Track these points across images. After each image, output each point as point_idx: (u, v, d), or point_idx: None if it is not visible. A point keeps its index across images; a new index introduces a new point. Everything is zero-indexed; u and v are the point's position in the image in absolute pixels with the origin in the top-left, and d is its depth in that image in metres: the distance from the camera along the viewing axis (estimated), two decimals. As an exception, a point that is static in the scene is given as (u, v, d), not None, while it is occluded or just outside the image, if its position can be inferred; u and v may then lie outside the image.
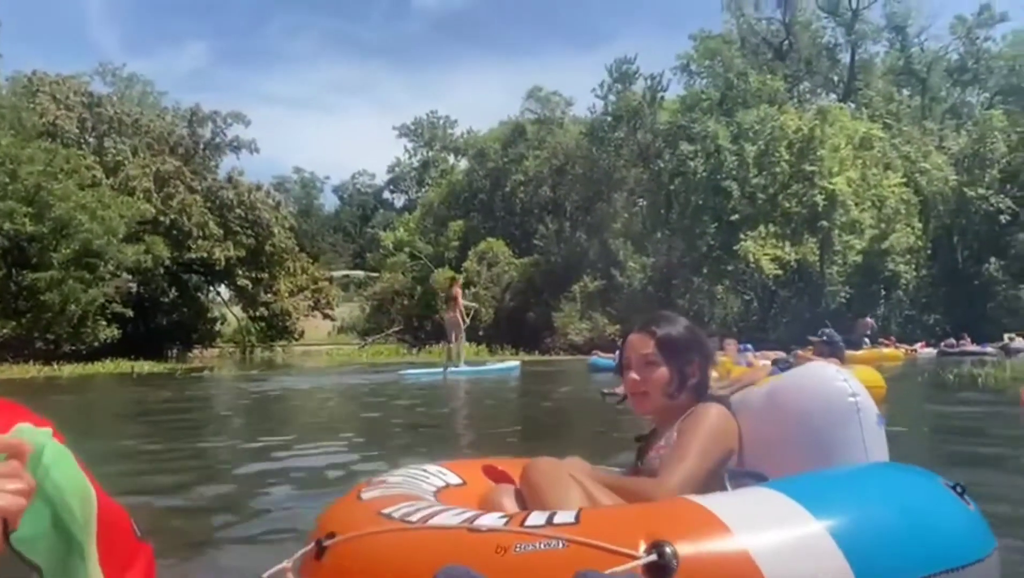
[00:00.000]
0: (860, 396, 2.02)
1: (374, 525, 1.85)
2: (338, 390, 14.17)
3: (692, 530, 1.59)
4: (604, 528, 1.62)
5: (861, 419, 2.00)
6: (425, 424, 8.62)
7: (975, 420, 8.02)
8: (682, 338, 2.34)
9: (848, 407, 2.01)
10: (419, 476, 2.39)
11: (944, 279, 40.94)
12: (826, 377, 2.10)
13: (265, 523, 3.65)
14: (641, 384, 2.32)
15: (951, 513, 1.77)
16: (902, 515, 1.69)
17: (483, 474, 2.47)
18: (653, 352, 2.30)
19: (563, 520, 1.68)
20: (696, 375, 2.33)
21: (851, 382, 2.05)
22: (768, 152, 34.19)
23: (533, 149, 43.04)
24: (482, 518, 1.77)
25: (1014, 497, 3.76)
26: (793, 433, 2.08)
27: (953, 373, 13.45)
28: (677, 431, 2.20)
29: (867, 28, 47.30)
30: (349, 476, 4.61)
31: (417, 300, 40.23)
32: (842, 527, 1.59)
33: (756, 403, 2.27)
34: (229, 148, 42.81)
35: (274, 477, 4.90)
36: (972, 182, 40.29)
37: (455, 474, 2.48)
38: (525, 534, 1.64)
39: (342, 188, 76.36)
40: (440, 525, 1.78)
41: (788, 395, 2.17)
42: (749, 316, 36.42)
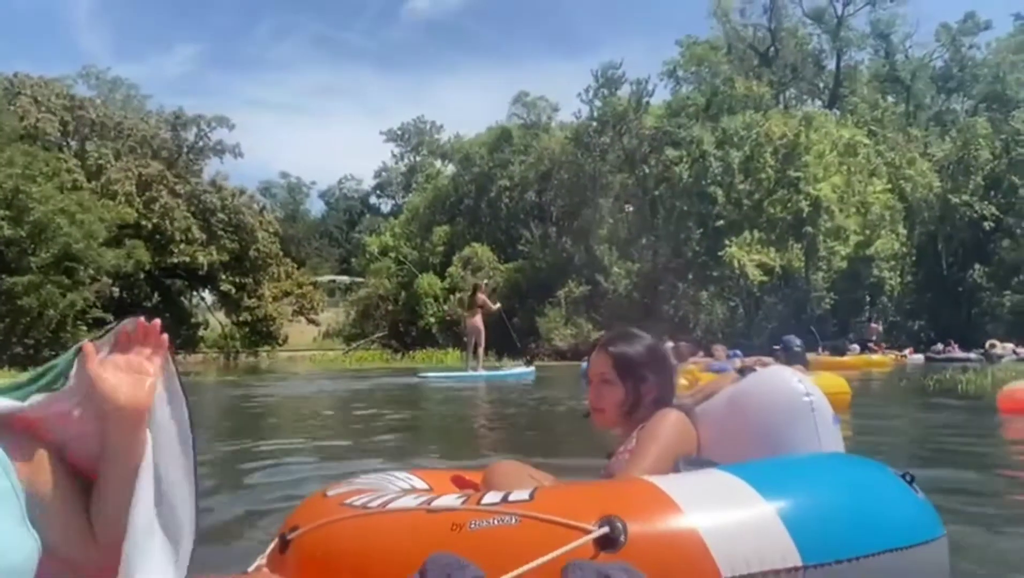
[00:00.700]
0: (814, 396, 2.08)
1: (335, 514, 1.91)
2: (347, 394, 14.01)
3: (643, 507, 1.63)
4: (557, 504, 1.66)
5: (816, 418, 2.05)
6: (482, 427, 8.57)
7: (945, 425, 7.87)
8: (638, 357, 2.41)
9: (803, 407, 2.06)
10: (387, 480, 2.43)
11: (929, 285, 41.04)
12: (782, 379, 2.16)
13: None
14: (598, 401, 2.42)
15: (898, 497, 1.81)
16: (849, 497, 1.73)
17: (451, 483, 2.52)
18: (609, 371, 2.39)
19: (518, 497, 1.72)
20: (653, 392, 2.39)
21: (806, 383, 2.10)
22: (753, 158, 34.19)
23: (519, 154, 42.94)
24: (439, 500, 1.82)
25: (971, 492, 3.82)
26: (752, 433, 2.13)
27: (933, 379, 13.35)
28: (636, 437, 2.26)
29: (852, 35, 47.54)
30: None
31: (402, 305, 39.96)
32: (790, 508, 1.63)
33: (718, 408, 2.32)
34: (213, 152, 42.55)
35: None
36: (956, 189, 40.44)
37: (423, 481, 2.52)
38: (480, 511, 1.68)
39: (329, 193, 76.06)
40: (398, 508, 1.83)
41: (747, 398, 2.22)
42: (735, 322, 36.30)
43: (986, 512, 3.62)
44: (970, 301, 40.91)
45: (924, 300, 40.85)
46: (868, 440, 6.17)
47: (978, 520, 3.32)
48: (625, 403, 2.38)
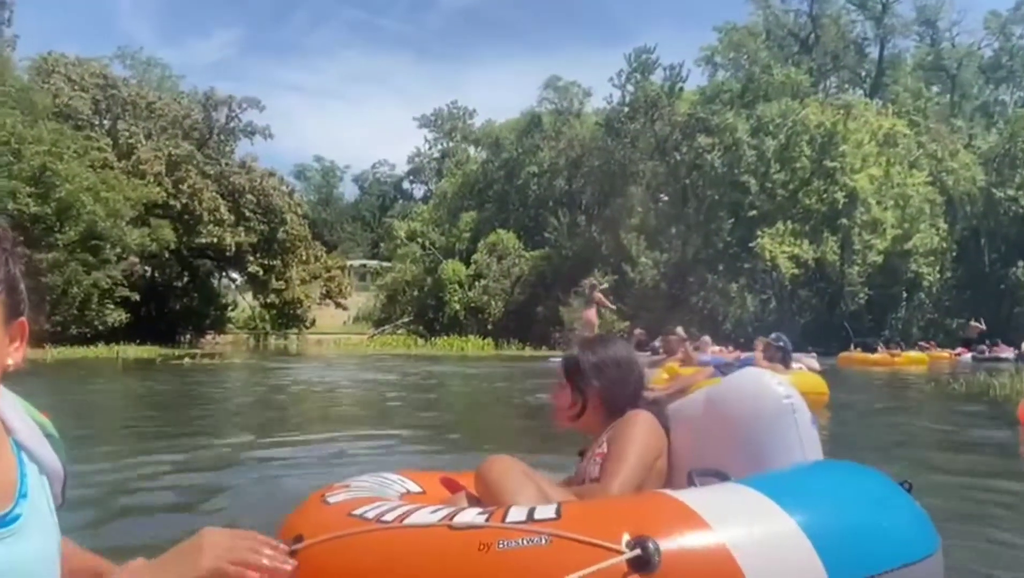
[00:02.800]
0: (794, 398, 2.07)
1: (346, 526, 1.81)
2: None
3: (672, 525, 1.60)
4: (585, 523, 1.62)
5: (797, 420, 2.04)
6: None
7: (919, 433, 7.26)
8: (586, 363, 2.43)
9: (784, 409, 2.05)
10: (382, 482, 2.38)
11: (969, 282, 39.67)
12: (762, 381, 2.15)
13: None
14: (554, 405, 2.51)
15: (906, 510, 1.85)
16: (865, 510, 1.75)
17: (441, 485, 2.46)
18: (562, 377, 2.47)
19: (544, 515, 1.66)
20: (597, 399, 2.40)
21: (785, 385, 2.10)
22: (789, 147, 33.27)
23: (549, 140, 42.35)
24: (461, 515, 1.74)
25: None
26: (734, 435, 2.11)
27: (960, 382, 12.63)
28: (608, 439, 2.26)
29: (897, 22, 46.07)
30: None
31: (427, 291, 39.69)
32: (812, 522, 1.63)
33: (695, 408, 2.31)
34: (243, 133, 42.49)
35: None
36: (1001, 182, 39.02)
37: (415, 483, 2.47)
38: (507, 530, 1.62)
39: (362, 178, 75.99)
40: (418, 523, 1.74)
41: (727, 400, 2.20)
42: (766, 316, 35.43)
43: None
44: (1012, 299, 39.49)
45: (964, 297, 39.51)
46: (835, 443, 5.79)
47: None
48: (572, 408, 2.43)
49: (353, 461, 4.99)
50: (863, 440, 6.58)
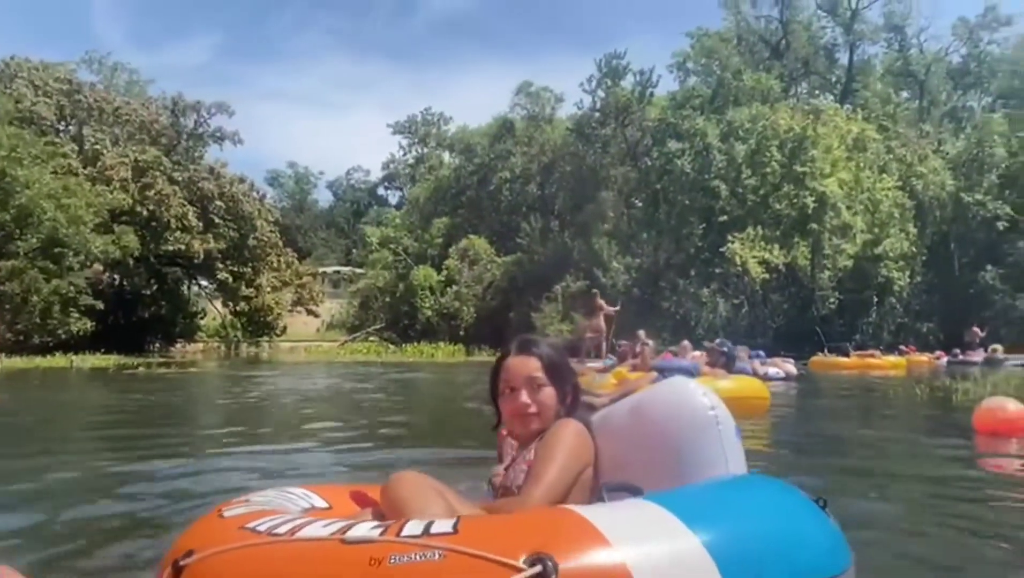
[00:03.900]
0: (719, 409, 2.05)
1: (237, 540, 1.75)
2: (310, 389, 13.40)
3: (572, 542, 1.56)
4: (483, 538, 1.57)
5: (721, 431, 2.02)
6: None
7: (869, 440, 7.06)
8: (563, 360, 2.43)
9: (709, 420, 2.03)
10: (284, 497, 2.30)
11: (939, 286, 39.95)
12: (686, 391, 2.12)
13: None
14: (532, 405, 2.33)
15: (817, 526, 1.81)
16: (774, 527, 1.71)
17: (351, 499, 2.41)
18: (540, 374, 2.34)
19: (441, 529, 1.61)
20: (570, 396, 2.39)
21: (710, 396, 2.07)
22: (759, 152, 33.32)
23: (521, 146, 42.24)
24: (355, 529, 1.68)
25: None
26: (657, 446, 2.09)
27: (923, 387, 12.50)
28: (535, 448, 2.22)
29: (866, 28, 46.44)
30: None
31: (399, 297, 39.38)
32: (716, 540, 1.60)
33: (620, 418, 2.27)
34: (212, 139, 42.07)
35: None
36: (970, 187, 39.35)
37: (321, 497, 2.40)
38: (400, 545, 1.58)
39: (336, 184, 75.69)
40: (310, 537, 1.69)
41: (651, 409, 2.17)
42: (738, 321, 35.43)
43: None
44: (982, 304, 39.78)
45: (934, 302, 39.78)
46: (768, 450, 5.77)
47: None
48: (561, 404, 2.36)
49: (278, 472, 4.73)
50: (804, 448, 6.39)
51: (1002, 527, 3.36)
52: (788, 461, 5.43)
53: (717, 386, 7.89)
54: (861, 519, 3.44)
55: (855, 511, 3.62)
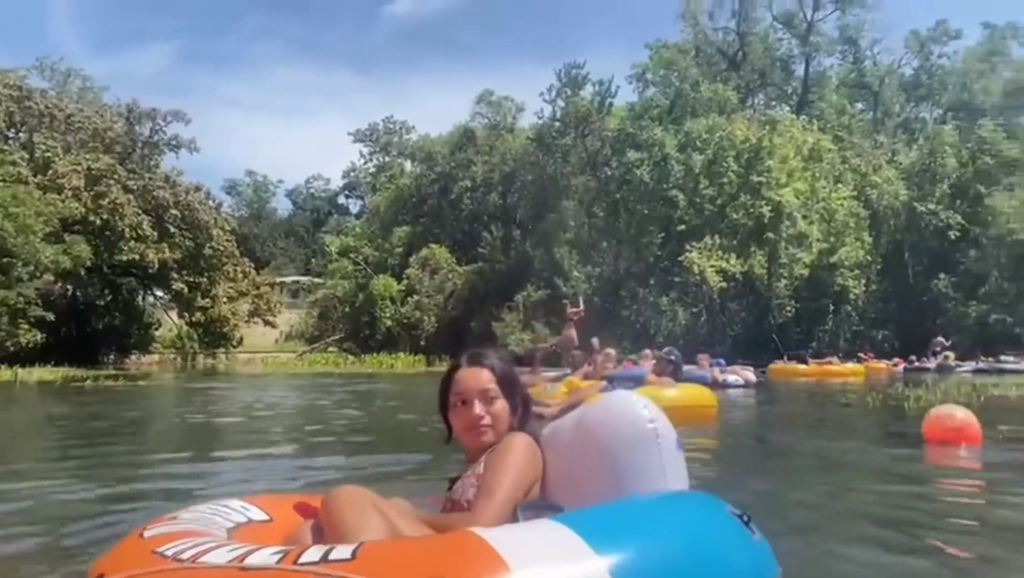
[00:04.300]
0: (659, 422, 2.04)
1: (145, 564, 1.73)
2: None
3: (471, 568, 1.54)
4: (381, 565, 1.55)
5: (660, 445, 2.01)
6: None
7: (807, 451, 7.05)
8: (513, 372, 2.41)
9: (648, 434, 2.02)
10: (217, 512, 2.24)
11: (894, 295, 40.66)
12: (628, 405, 2.10)
13: None
14: (485, 417, 2.30)
15: (734, 543, 1.79)
16: (685, 547, 1.69)
17: (294, 510, 2.36)
18: (493, 385, 2.32)
19: (339, 556, 1.58)
20: (521, 408, 2.37)
21: (651, 409, 2.06)
22: (716, 162, 33.66)
23: (483, 155, 42.23)
24: (254, 555, 1.66)
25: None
26: (597, 460, 2.07)
27: (876, 395, 12.62)
28: (484, 462, 2.19)
29: (821, 40, 47.27)
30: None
31: (359, 307, 39.03)
32: (624, 564, 1.57)
33: (565, 432, 2.25)
34: (168, 147, 41.37)
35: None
36: (923, 197, 40.14)
37: (261, 510, 2.35)
38: (296, 573, 1.55)
39: (296, 192, 74.98)
40: (209, 563, 1.67)
41: (593, 423, 2.15)
42: (697, 329, 35.70)
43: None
44: (935, 311, 40.54)
45: (889, 309, 40.47)
46: (713, 461, 5.70)
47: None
48: (514, 416, 2.34)
49: (222, 485, 4.56)
50: (750, 458, 6.36)
51: (944, 540, 3.33)
52: (731, 472, 5.38)
53: (664, 395, 7.90)
54: (800, 531, 3.40)
55: (795, 522, 3.56)
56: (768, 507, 3.97)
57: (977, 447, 6.18)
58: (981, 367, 25.62)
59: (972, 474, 5.42)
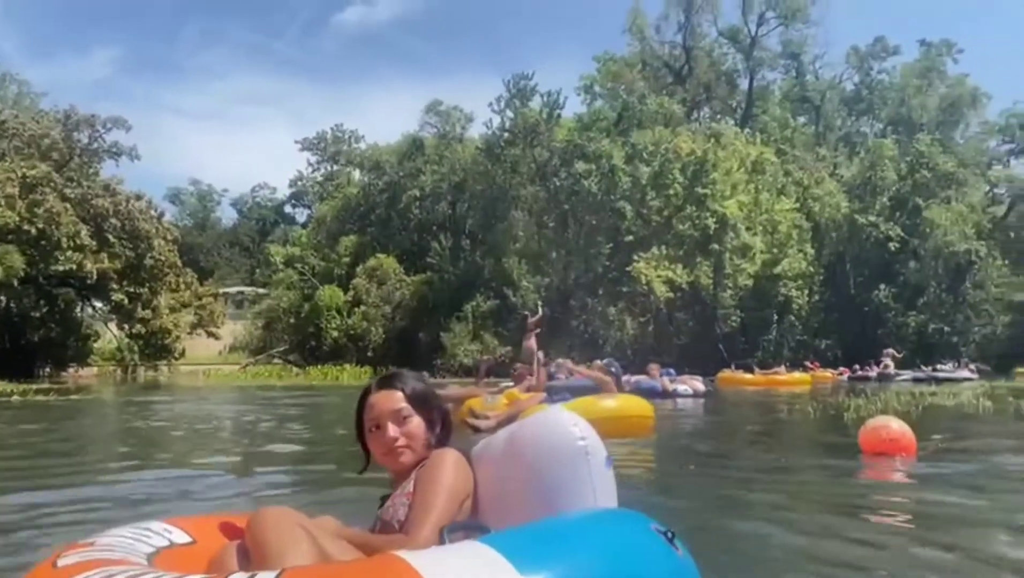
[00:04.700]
0: (589, 439, 2.03)
1: None
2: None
3: None
4: None
5: (590, 462, 2.01)
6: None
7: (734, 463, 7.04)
8: (427, 390, 2.39)
9: (577, 451, 2.01)
10: (137, 536, 2.13)
11: (836, 305, 41.47)
12: (558, 422, 2.10)
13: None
14: (400, 438, 2.29)
15: (657, 561, 1.78)
16: (607, 567, 1.68)
17: (219, 531, 2.28)
18: (404, 406, 2.31)
19: None
20: (439, 424, 2.36)
21: (581, 426, 2.05)
22: (663, 174, 34.00)
23: (432, 164, 42.05)
24: None
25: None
26: (526, 477, 2.07)
27: (816, 406, 12.74)
28: (415, 480, 2.18)
29: (765, 55, 48.19)
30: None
31: (304, 318, 38.44)
32: None
33: (496, 448, 2.25)
34: (108, 154, 40.38)
35: None
36: (864, 209, 41.06)
37: (184, 532, 2.24)
38: None
39: (241, 201, 73.68)
40: None
41: (523, 440, 2.14)
42: (645, 339, 35.94)
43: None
44: (876, 321, 41.45)
45: (831, 320, 41.24)
46: (646, 474, 5.66)
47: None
48: (431, 434, 2.32)
49: (145, 505, 4.34)
50: (685, 471, 6.30)
51: (872, 554, 3.30)
52: (665, 485, 5.33)
53: (601, 406, 7.85)
54: (729, 547, 3.35)
55: (725, 538, 3.52)
56: (699, 522, 3.92)
57: (912, 458, 6.22)
58: (919, 376, 26.30)
59: (905, 486, 5.42)
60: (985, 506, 4.51)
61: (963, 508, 4.37)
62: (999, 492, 5.10)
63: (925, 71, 48.51)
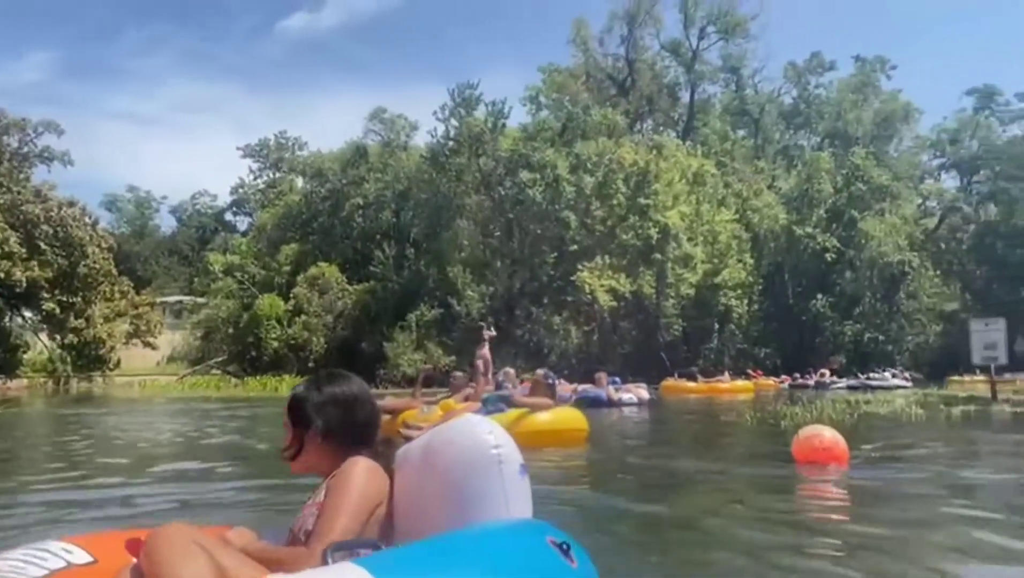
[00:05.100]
0: (503, 447, 2.01)
1: None
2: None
3: None
4: None
5: (503, 471, 1.98)
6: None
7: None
8: (299, 402, 2.29)
9: (490, 460, 1.99)
10: (31, 558, 2.05)
11: (775, 314, 42.23)
12: (473, 431, 2.07)
13: None
14: (287, 449, 2.31)
15: (549, 573, 1.77)
16: None
17: (125, 549, 2.20)
18: (286, 417, 2.31)
19: None
20: (317, 440, 2.25)
21: (497, 434, 2.03)
22: (606, 184, 34.27)
23: (375, 172, 41.70)
24: None
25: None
26: (440, 485, 2.03)
27: (753, 414, 12.84)
28: (325, 489, 2.13)
29: (706, 69, 49.02)
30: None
31: (244, 328, 37.65)
32: None
33: (413, 456, 2.20)
34: (39, 159, 39.18)
35: None
36: (801, 221, 41.95)
37: (85, 551, 2.16)
38: None
39: (181, 208, 72.03)
40: None
41: (438, 448, 2.10)
42: (589, 348, 36.10)
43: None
44: (814, 330, 42.35)
45: (771, 328, 41.99)
46: (572, 485, 5.57)
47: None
48: (289, 448, 2.28)
49: (50, 523, 4.10)
50: (615, 481, 6.20)
51: (802, 564, 3.27)
52: (588, 496, 5.23)
53: (535, 419, 7.83)
54: (642, 556, 3.32)
55: (647, 548, 3.49)
56: (616, 533, 3.88)
57: (844, 467, 6.18)
58: (853, 384, 26.92)
59: (835, 496, 5.38)
60: (914, 517, 4.49)
61: (892, 519, 4.35)
62: (929, 501, 5.09)
63: (860, 86, 49.86)
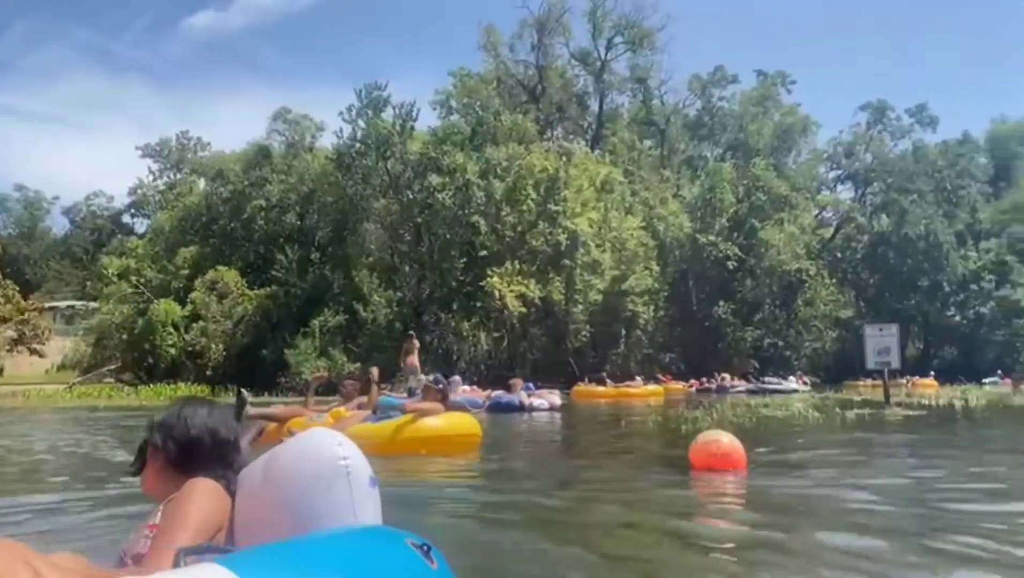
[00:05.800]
0: (351, 458, 1.95)
1: None
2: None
3: None
4: None
5: (351, 482, 1.93)
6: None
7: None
8: (159, 424, 2.28)
9: (338, 471, 1.93)
10: None
11: (680, 320, 43.09)
12: (320, 443, 2.00)
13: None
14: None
15: (407, 574, 1.74)
16: None
17: None
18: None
19: None
20: (163, 461, 2.23)
21: (345, 445, 1.97)
22: (516, 189, 34.27)
23: (279, 174, 40.62)
24: None
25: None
26: (284, 499, 1.94)
27: (657, 418, 12.90)
28: (161, 512, 2.04)
29: (614, 79, 49.80)
30: None
31: (138, 334, 35.97)
32: None
33: (256, 471, 2.07)
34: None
35: None
36: (704, 229, 42.98)
37: None
38: None
39: (74, 210, 68.67)
40: None
41: (283, 461, 2.00)
42: (498, 354, 35.96)
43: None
44: (716, 336, 43.40)
45: (676, 334, 42.80)
46: (454, 494, 5.44)
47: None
48: (134, 463, 2.32)
49: None
50: (507, 489, 5.95)
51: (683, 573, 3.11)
52: (472, 506, 4.97)
53: (426, 425, 7.60)
54: (513, 564, 3.23)
55: (533, 559, 3.34)
56: (487, 539, 3.71)
57: (742, 473, 6.05)
58: (751, 388, 27.68)
59: (730, 504, 5.19)
60: (808, 523, 4.35)
61: (787, 526, 4.20)
62: (823, 505, 4.99)
63: (761, 99, 51.51)
